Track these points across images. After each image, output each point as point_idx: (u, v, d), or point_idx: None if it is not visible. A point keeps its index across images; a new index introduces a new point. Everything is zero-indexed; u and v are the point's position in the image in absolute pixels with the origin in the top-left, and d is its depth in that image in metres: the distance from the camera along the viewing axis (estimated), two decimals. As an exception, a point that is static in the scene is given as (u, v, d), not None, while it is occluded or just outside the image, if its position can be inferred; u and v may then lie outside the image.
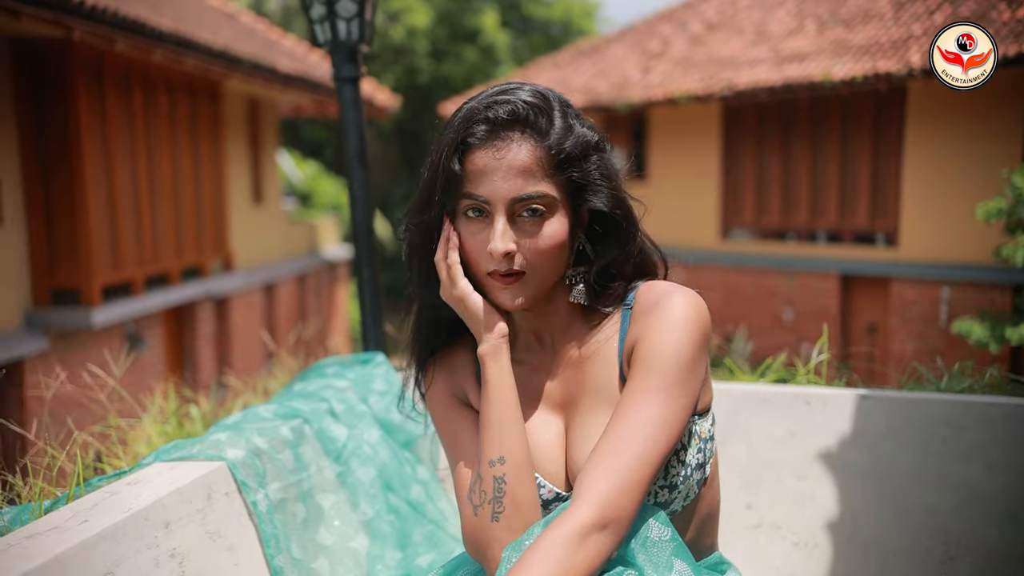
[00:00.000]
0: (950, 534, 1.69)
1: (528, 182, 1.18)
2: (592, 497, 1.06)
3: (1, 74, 7.41)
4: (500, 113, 1.19)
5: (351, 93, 2.16)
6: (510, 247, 1.17)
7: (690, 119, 13.05)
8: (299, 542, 1.52)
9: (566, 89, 14.15)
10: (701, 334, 1.20)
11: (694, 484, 1.24)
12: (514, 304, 1.21)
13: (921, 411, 1.74)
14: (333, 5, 2.07)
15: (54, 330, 7.76)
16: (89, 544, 1.15)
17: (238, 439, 1.51)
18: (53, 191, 7.77)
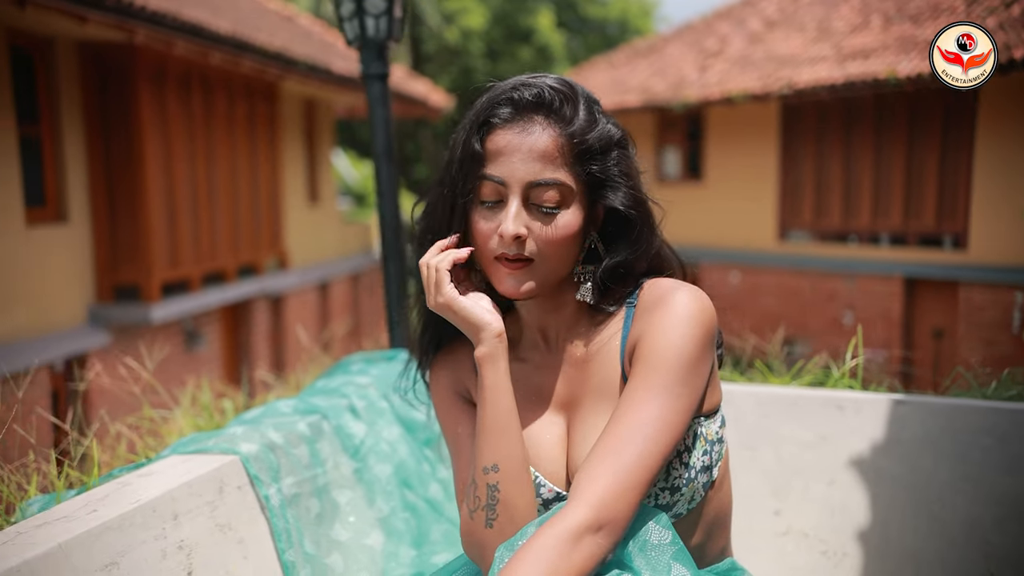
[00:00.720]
0: (992, 548, 1.61)
1: (547, 167, 1.16)
2: (588, 498, 1.03)
3: (70, 77, 7.65)
4: (525, 95, 1.17)
5: (379, 89, 2.16)
6: (521, 230, 1.15)
7: (748, 119, 12.84)
8: (312, 537, 1.52)
9: (622, 89, 14.05)
10: (705, 331, 1.15)
11: (700, 487, 1.20)
12: (519, 291, 1.18)
13: (961, 419, 1.67)
14: (362, 2, 2.07)
15: (116, 325, 7.98)
16: (94, 533, 1.16)
17: (253, 433, 1.52)
18: (116, 190, 7.99)
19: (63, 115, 7.59)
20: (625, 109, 13.42)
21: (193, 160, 8.76)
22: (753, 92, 11.50)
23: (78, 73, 7.73)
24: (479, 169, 1.17)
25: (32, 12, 6.21)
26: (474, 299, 1.20)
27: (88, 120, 7.85)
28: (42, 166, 7.50)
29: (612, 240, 1.26)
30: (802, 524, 1.77)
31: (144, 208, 7.94)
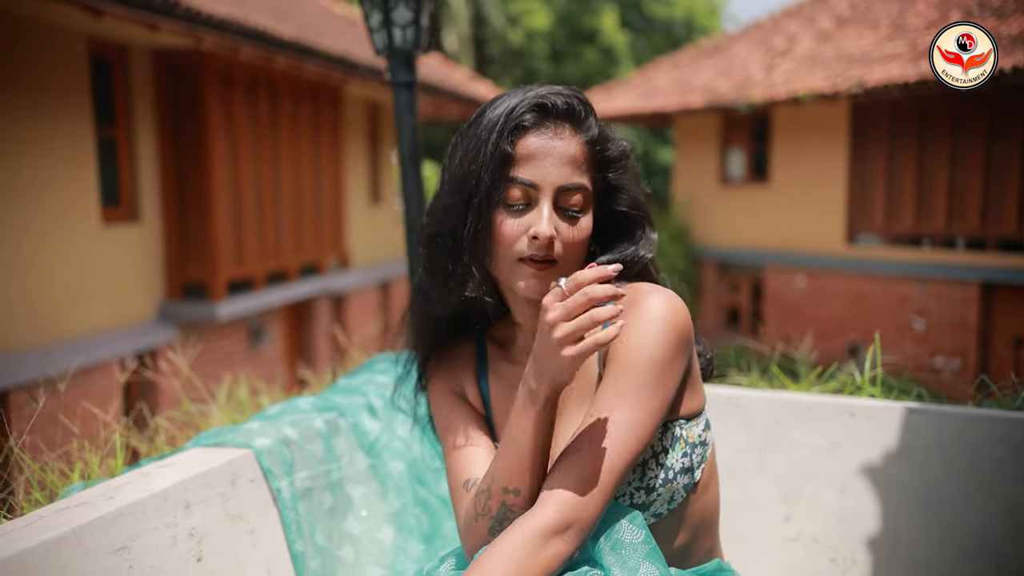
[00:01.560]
0: (1003, 559, 1.59)
1: (575, 173, 1.21)
2: (556, 498, 1.07)
3: (144, 83, 7.96)
4: (557, 102, 1.21)
5: (406, 97, 2.22)
6: (553, 232, 1.18)
7: (816, 119, 12.60)
8: (325, 530, 1.58)
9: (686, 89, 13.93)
10: (677, 335, 1.17)
11: (680, 488, 1.22)
12: (543, 290, 1.20)
13: (975, 428, 1.65)
14: (390, 13, 2.14)
15: (183, 322, 8.25)
16: (107, 519, 1.24)
17: (269, 428, 1.59)
18: (186, 191, 8.28)
19: (137, 118, 7.90)
20: (689, 110, 13.30)
21: (258, 162, 9.01)
22: (822, 92, 11.27)
23: (151, 78, 8.04)
24: (508, 171, 1.19)
25: (109, 21, 6.49)
26: None
27: (160, 123, 8.15)
28: (117, 167, 7.82)
29: (613, 241, 1.30)
30: (812, 530, 1.77)
31: (211, 208, 8.21)
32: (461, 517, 1.25)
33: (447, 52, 18.87)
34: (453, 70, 14.19)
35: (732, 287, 14.48)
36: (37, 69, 6.68)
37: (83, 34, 7.08)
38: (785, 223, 13.32)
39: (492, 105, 1.24)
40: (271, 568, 1.47)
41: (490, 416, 1.36)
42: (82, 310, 7.12)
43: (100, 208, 7.43)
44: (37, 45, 6.66)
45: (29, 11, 6.26)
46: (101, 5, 5.94)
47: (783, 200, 13.37)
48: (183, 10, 6.56)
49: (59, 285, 6.92)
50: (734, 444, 1.86)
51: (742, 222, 13.97)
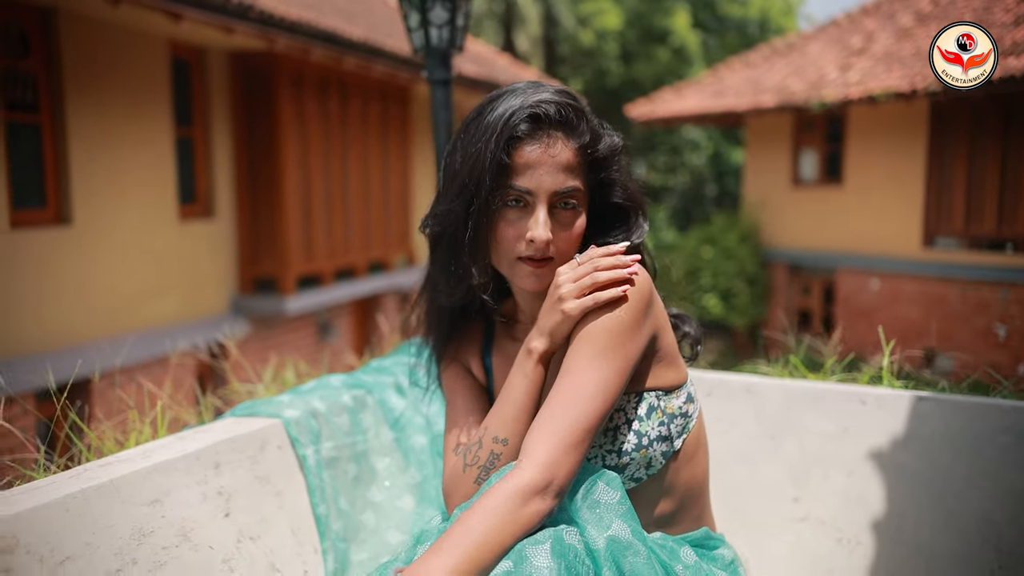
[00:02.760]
0: (1003, 542, 1.60)
1: (568, 177, 1.29)
2: (533, 459, 1.15)
3: (221, 83, 8.27)
4: (549, 111, 1.28)
5: (443, 94, 2.32)
6: (549, 236, 1.28)
7: (892, 119, 12.30)
8: (349, 496, 1.69)
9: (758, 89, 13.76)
10: (635, 301, 1.25)
11: (657, 455, 1.29)
12: (541, 285, 1.31)
13: (981, 416, 1.66)
14: (426, 14, 2.24)
15: (255, 315, 8.55)
16: (143, 473, 1.37)
17: (298, 401, 1.70)
18: (258, 189, 8.57)
19: (213, 118, 8.22)
20: (760, 110, 13.14)
21: (328, 160, 9.26)
22: (899, 90, 11.01)
23: (227, 79, 8.35)
24: (506, 180, 1.28)
25: (187, 25, 6.79)
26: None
27: (234, 122, 8.46)
28: (193, 165, 8.15)
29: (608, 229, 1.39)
30: (819, 512, 1.81)
31: (282, 206, 8.48)
32: (447, 474, 1.36)
33: (517, 52, 18.99)
34: (523, 71, 14.30)
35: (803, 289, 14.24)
36: (121, 71, 7.03)
37: (164, 37, 7.42)
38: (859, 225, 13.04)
39: (490, 107, 1.31)
40: (295, 528, 1.59)
41: (491, 389, 1.46)
42: (159, 302, 7.45)
43: (177, 205, 7.76)
44: (121, 48, 7.01)
45: (113, 16, 6.59)
46: (180, 10, 6.22)
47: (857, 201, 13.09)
48: (257, 13, 6.82)
49: (138, 278, 7.26)
50: (747, 429, 1.91)
51: (814, 223, 13.73)
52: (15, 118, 6.23)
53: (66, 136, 6.55)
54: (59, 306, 6.43)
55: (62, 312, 6.43)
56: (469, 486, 1.29)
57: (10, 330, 5.92)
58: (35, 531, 1.18)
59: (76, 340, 6.33)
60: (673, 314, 1.50)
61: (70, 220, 6.63)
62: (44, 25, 6.41)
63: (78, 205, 6.66)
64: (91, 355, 5.53)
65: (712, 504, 1.84)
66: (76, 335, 6.40)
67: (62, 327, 6.37)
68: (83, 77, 6.63)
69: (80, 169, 6.66)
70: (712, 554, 1.35)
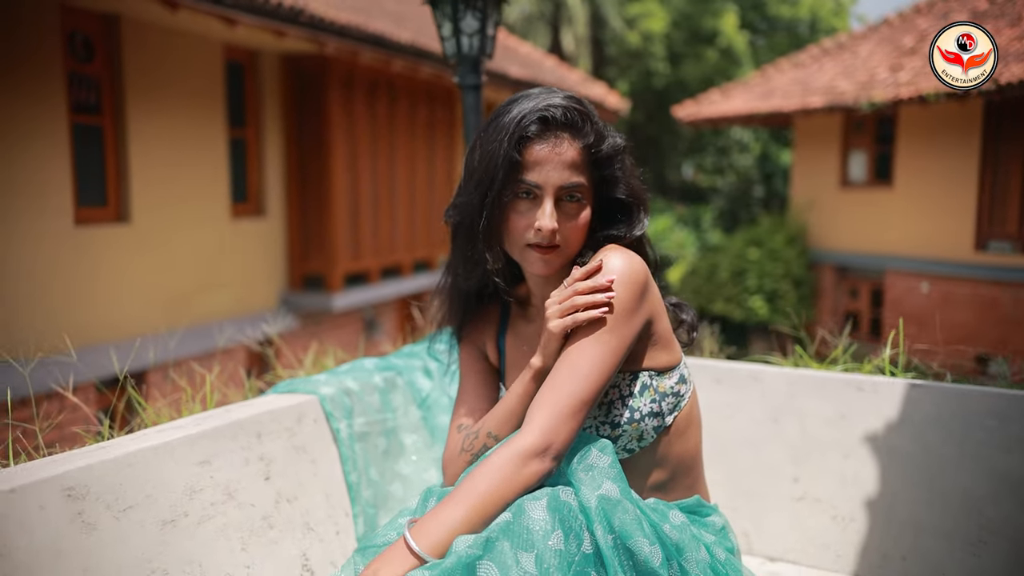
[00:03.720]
0: (984, 519, 1.71)
1: (573, 174, 1.43)
2: (535, 425, 1.29)
3: (273, 85, 8.54)
4: (556, 115, 1.43)
5: (473, 99, 2.47)
6: (555, 225, 1.42)
7: (945, 119, 12.13)
8: (379, 468, 1.85)
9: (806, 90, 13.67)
10: (631, 288, 1.39)
11: (649, 429, 1.43)
12: (549, 270, 1.47)
13: (970, 402, 1.76)
14: (458, 23, 2.39)
15: (303, 312, 8.79)
16: (194, 438, 1.54)
17: (334, 380, 1.87)
18: (307, 188, 8.81)
19: (265, 119, 8.49)
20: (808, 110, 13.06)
21: (376, 161, 9.48)
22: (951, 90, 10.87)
23: (279, 81, 8.62)
24: (517, 175, 1.43)
25: (242, 30, 7.05)
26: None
27: (286, 123, 8.73)
28: (246, 165, 8.43)
29: (613, 222, 1.53)
30: (817, 491, 1.92)
31: (331, 205, 8.71)
32: (447, 450, 1.55)
33: (564, 53, 19.10)
34: (569, 72, 14.42)
35: (851, 291, 14.11)
36: (179, 74, 7.32)
37: (219, 41, 7.70)
38: (909, 227, 12.88)
39: (506, 110, 1.47)
40: (328, 493, 1.75)
41: (503, 365, 1.61)
42: (212, 298, 7.73)
43: (230, 203, 8.04)
44: (179, 52, 7.30)
45: (171, 22, 6.87)
46: (235, 15, 6.48)
47: (907, 203, 12.94)
48: (307, 17, 7.05)
49: (192, 274, 7.55)
50: (753, 414, 2.02)
51: (863, 225, 13.60)
52: (80, 120, 6.55)
53: (126, 137, 6.86)
54: (118, 300, 6.73)
55: (121, 306, 6.73)
56: (461, 467, 1.49)
57: (73, 322, 6.22)
58: (103, 482, 1.35)
59: (133, 333, 6.62)
60: (672, 303, 1.63)
61: (129, 218, 6.93)
62: (107, 31, 6.72)
63: (136, 204, 6.96)
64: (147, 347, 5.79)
65: (718, 482, 1.97)
66: (133, 328, 6.69)
67: (120, 320, 6.67)
68: (143, 80, 6.94)
69: (139, 169, 6.96)
70: (703, 520, 1.48)
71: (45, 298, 6.15)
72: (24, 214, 5.99)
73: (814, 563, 1.92)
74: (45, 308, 6.11)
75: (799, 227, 14.25)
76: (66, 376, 2.40)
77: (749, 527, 1.98)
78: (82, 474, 1.32)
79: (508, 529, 1.19)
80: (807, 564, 1.93)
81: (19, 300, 5.96)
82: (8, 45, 5.82)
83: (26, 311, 5.98)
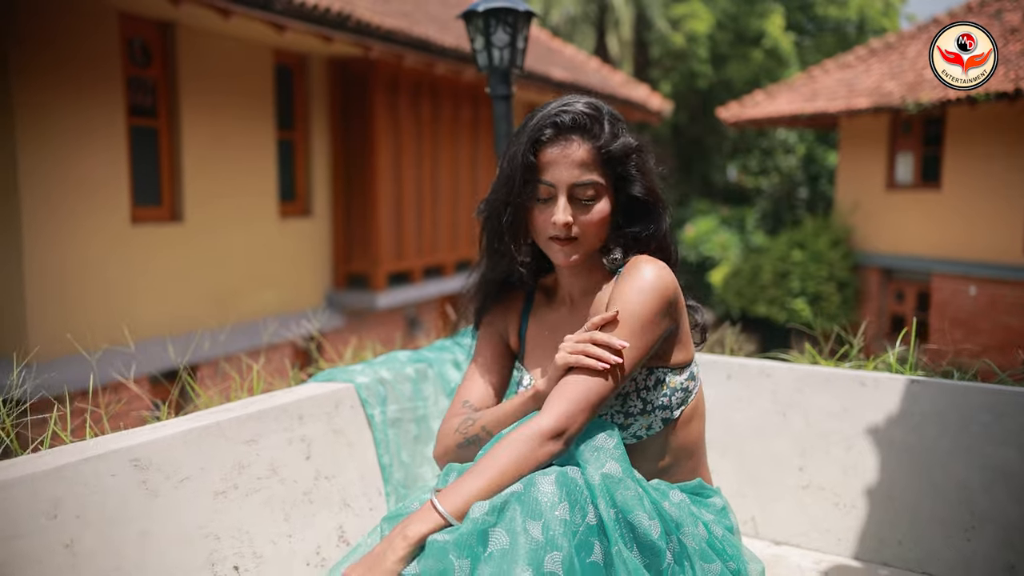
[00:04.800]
0: (976, 506, 1.81)
1: (583, 172, 1.58)
2: (555, 411, 1.44)
3: (320, 88, 8.78)
4: (565, 120, 1.59)
5: (503, 108, 2.62)
6: (569, 219, 1.57)
7: (995, 121, 11.97)
8: (409, 451, 2.00)
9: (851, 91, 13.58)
10: (660, 299, 1.52)
11: (657, 420, 1.57)
12: (569, 261, 1.61)
13: (967, 398, 1.86)
14: (490, 37, 2.54)
15: (348, 310, 9.02)
16: (242, 419, 1.71)
17: (369, 370, 2.03)
18: (353, 189, 9.03)
19: (313, 121, 8.73)
20: (853, 111, 12.98)
21: (419, 162, 9.67)
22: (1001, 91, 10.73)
23: (326, 84, 8.85)
24: (534, 176, 1.59)
25: (290, 34, 7.29)
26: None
27: (332, 125, 8.96)
28: (293, 166, 8.68)
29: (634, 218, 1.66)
30: (820, 480, 2.03)
31: (375, 206, 8.93)
32: (444, 423, 1.70)
33: (609, 54, 19.16)
34: (612, 74, 14.49)
35: (896, 295, 13.98)
36: (231, 78, 7.59)
37: (269, 46, 7.95)
38: (956, 229, 12.73)
39: (530, 116, 1.63)
40: (363, 473, 1.91)
41: (523, 347, 1.75)
42: (260, 296, 7.98)
43: (278, 204, 8.29)
44: (231, 57, 7.57)
45: (224, 28, 7.13)
46: (285, 21, 6.71)
47: (955, 205, 12.79)
48: (354, 23, 7.26)
49: (241, 273, 7.81)
50: (762, 407, 2.14)
51: (909, 227, 13.46)
52: (137, 123, 6.84)
53: (180, 139, 7.14)
54: (170, 296, 7.01)
55: (173, 302, 7.01)
56: (451, 442, 1.65)
57: (129, 317, 6.50)
58: (163, 455, 1.52)
59: (184, 328, 6.89)
60: (689, 304, 1.75)
61: (182, 217, 7.21)
62: (164, 37, 7.00)
63: (189, 203, 7.24)
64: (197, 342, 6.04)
65: (728, 470, 2.09)
66: (184, 324, 6.95)
67: (172, 316, 6.94)
68: (196, 84, 7.21)
69: (191, 170, 7.24)
70: (704, 501, 1.61)
71: (103, 293, 6.44)
72: (84, 213, 6.29)
73: (816, 547, 2.04)
74: (103, 303, 6.40)
75: (844, 229, 14.15)
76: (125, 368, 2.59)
77: (756, 512, 2.10)
78: (146, 447, 1.49)
79: (519, 499, 1.33)
80: (810, 547, 2.05)
81: (80, 295, 6.26)
82: (72, 52, 6.12)
83: (86, 306, 6.28)
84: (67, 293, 6.18)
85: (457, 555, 1.29)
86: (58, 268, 6.13)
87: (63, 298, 6.14)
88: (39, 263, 5.99)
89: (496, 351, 1.78)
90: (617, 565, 1.33)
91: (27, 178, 5.86)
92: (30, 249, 5.91)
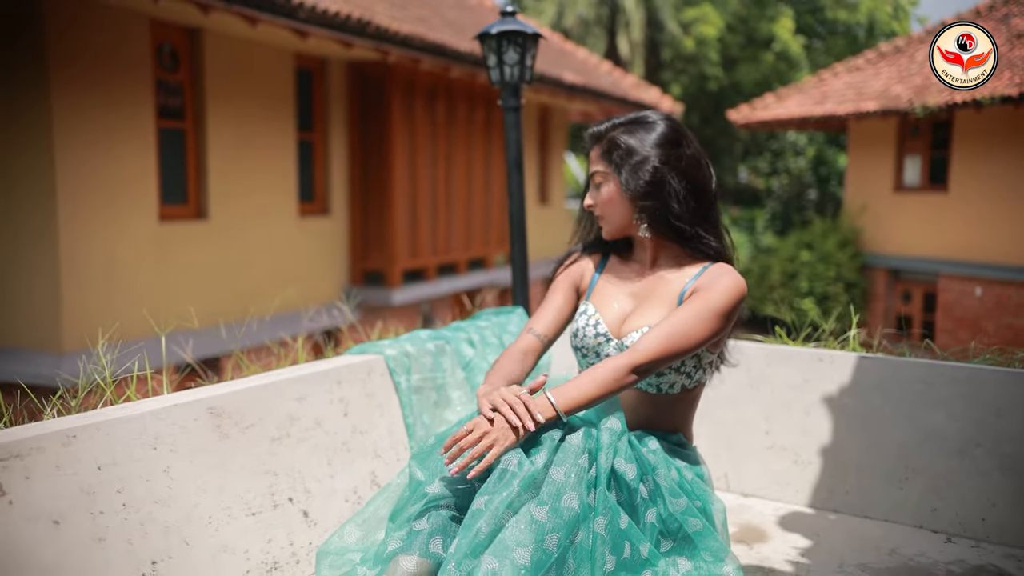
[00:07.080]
0: (910, 461, 2.13)
1: (595, 164, 2.01)
2: (643, 353, 1.78)
3: (339, 91, 9.10)
4: (588, 136, 2.04)
5: (513, 118, 2.95)
6: (588, 202, 2.02)
7: (1002, 124, 12.16)
8: (430, 415, 2.34)
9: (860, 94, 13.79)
10: (734, 301, 1.85)
11: (678, 384, 1.92)
12: (606, 233, 2.02)
13: (906, 371, 2.18)
14: (502, 55, 2.87)
15: (364, 305, 9.34)
16: (289, 381, 2.04)
17: (396, 345, 2.36)
18: (369, 189, 9.34)
19: (332, 123, 9.06)
20: (862, 114, 13.18)
21: (435, 163, 9.98)
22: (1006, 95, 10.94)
23: (345, 87, 9.17)
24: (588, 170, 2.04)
25: (312, 40, 7.62)
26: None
27: (350, 127, 9.28)
28: (312, 167, 9.01)
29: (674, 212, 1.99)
30: (783, 441, 2.35)
31: (391, 205, 9.24)
32: (514, 346, 2.03)
33: (620, 57, 19.45)
34: (622, 77, 14.78)
35: (903, 295, 14.19)
36: (254, 82, 7.93)
37: (291, 51, 8.30)
38: (963, 231, 12.91)
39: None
40: (391, 430, 2.24)
41: (591, 289, 2.08)
42: (281, 290, 8.32)
43: (298, 203, 8.63)
44: (255, 61, 7.91)
45: (249, 34, 7.48)
46: (307, 28, 7.05)
47: (962, 207, 12.96)
48: (373, 29, 7.59)
49: (262, 269, 8.14)
50: (737, 380, 2.46)
51: (916, 229, 13.64)
52: (165, 125, 7.20)
53: (206, 140, 7.49)
54: (195, 291, 7.35)
55: (198, 296, 7.34)
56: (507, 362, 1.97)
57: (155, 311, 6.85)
58: (233, 406, 1.86)
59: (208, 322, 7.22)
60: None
61: (207, 216, 7.56)
62: (191, 43, 7.36)
63: (214, 202, 7.58)
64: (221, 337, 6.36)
65: (705, 434, 2.42)
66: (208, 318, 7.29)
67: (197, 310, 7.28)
68: (222, 87, 7.56)
69: (216, 170, 7.58)
70: (680, 451, 1.93)
71: (132, 287, 6.79)
72: (115, 211, 6.64)
73: (778, 497, 2.36)
74: (132, 297, 6.75)
75: (852, 230, 14.36)
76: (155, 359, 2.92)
77: (729, 469, 2.43)
78: (219, 399, 1.83)
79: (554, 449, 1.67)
80: (772, 498, 2.37)
81: (110, 289, 6.62)
82: (106, 59, 6.47)
83: (116, 299, 6.63)
84: (100, 287, 6.53)
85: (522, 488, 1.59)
86: (92, 264, 6.47)
87: (96, 292, 6.49)
88: (75, 259, 6.34)
89: (565, 296, 2.11)
90: (599, 499, 1.67)
91: (64, 180, 6.21)
92: (66, 246, 6.26)
